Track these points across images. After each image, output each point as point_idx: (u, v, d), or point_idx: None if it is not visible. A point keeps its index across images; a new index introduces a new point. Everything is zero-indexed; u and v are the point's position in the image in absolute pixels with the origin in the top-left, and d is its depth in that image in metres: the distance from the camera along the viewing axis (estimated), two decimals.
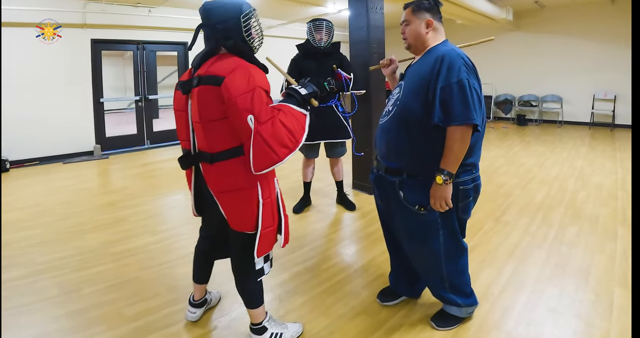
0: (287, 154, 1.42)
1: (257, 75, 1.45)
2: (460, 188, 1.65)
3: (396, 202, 1.75)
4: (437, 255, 1.75)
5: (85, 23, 5.97)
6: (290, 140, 1.41)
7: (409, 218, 1.73)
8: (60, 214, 3.55)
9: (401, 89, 1.74)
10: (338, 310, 2.03)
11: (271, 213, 1.58)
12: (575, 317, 1.93)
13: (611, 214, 3.29)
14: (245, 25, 1.54)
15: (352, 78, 3.20)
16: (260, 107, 1.38)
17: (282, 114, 1.44)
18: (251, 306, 1.71)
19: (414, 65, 1.78)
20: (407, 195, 1.70)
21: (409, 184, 1.69)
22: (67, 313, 2.04)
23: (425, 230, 1.72)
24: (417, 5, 1.74)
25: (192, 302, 1.97)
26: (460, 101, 1.50)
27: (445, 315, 1.91)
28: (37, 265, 2.58)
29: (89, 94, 6.24)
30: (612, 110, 7.92)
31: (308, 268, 2.48)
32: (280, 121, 1.41)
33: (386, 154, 1.76)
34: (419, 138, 1.63)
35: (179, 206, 3.87)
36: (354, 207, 3.56)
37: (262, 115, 1.37)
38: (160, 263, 2.58)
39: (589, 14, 7.96)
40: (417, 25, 1.74)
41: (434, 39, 1.74)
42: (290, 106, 1.50)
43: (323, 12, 7.27)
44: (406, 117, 1.65)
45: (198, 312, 1.97)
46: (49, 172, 5.28)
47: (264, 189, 1.55)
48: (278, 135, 1.38)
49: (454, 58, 1.55)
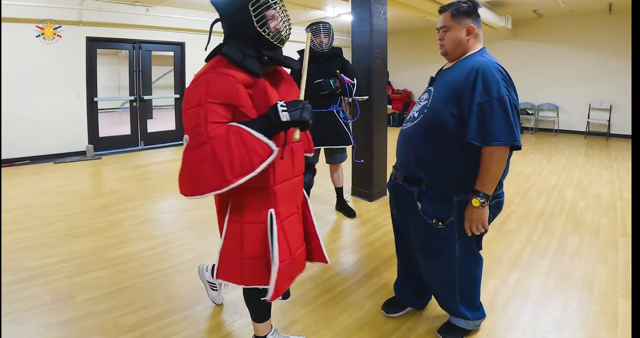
0: (207, 191, 1.18)
1: (215, 86, 1.22)
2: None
3: (412, 213, 1.68)
4: (452, 269, 1.69)
5: (81, 20, 5.87)
6: (214, 176, 1.16)
7: (425, 230, 1.66)
8: (51, 217, 3.45)
9: (430, 95, 1.63)
10: (342, 322, 1.97)
11: (239, 242, 1.36)
12: (581, 328, 1.91)
13: (611, 224, 3.29)
14: (256, 14, 1.28)
15: (355, 84, 3.16)
16: (196, 129, 1.18)
17: (220, 142, 1.16)
18: (254, 320, 1.65)
19: (446, 71, 1.67)
20: (425, 207, 1.63)
21: (428, 196, 1.62)
22: (60, 322, 1.95)
23: (441, 244, 1.66)
24: (457, 9, 1.59)
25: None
26: (503, 119, 1.40)
27: (452, 327, 1.86)
28: (27, 270, 2.48)
29: (83, 92, 6.13)
30: (608, 119, 7.98)
31: (309, 277, 2.42)
32: (212, 150, 1.15)
33: (407, 162, 1.68)
34: (445, 149, 1.54)
35: (173, 211, 3.79)
36: (354, 214, 3.51)
37: (193, 139, 1.18)
38: (156, 270, 2.50)
39: (587, 23, 8.04)
40: (457, 31, 1.60)
41: (474, 46, 1.63)
42: (249, 132, 1.20)
43: (322, 15, 7.26)
44: (434, 126, 1.55)
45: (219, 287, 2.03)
46: (40, 172, 5.16)
47: (233, 211, 1.37)
48: (200, 168, 1.16)
49: (493, 71, 1.45)
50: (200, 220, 3.39)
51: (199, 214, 3.53)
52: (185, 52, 7.27)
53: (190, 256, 2.70)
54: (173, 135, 7.40)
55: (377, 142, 3.92)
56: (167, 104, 8.32)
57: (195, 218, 3.44)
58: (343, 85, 3.11)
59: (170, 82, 7.57)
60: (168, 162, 6.05)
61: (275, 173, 1.35)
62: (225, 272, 1.40)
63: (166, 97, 7.84)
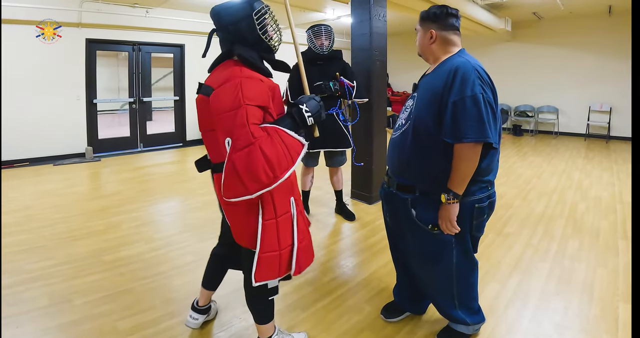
0: (259, 189, 1.24)
1: (249, 89, 1.30)
2: (475, 206, 1.59)
3: (407, 221, 1.68)
4: (449, 275, 1.69)
5: (81, 22, 5.87)
6: (266, 174, 1.22)
7: (421, 238, 1.66)
8: (49, 219, 3.44)
9: (414, 101, 1.65)
10: (341, 326, 1.96)
11: (276, 236, 1.43)
12: (582, 332, 1.90)
13: (611, 227, 3.28)
14: (259, 23, 1.42)
15: (354, 86, 3.15)
16: (240, 130, 1.23)
17: (266, 141, 1.25)
18: (259, 322, 1.65)
19: (428, 76, 1.68)
20: (419, 213, 1.62)
21: (422, 202, 1.62)
22: (59, 325, 1.94)
23: (438, 251, 1.65)
24: (423, 14, 1.67)
25: (196, 306, 1.89)
26: (474, 117, 1.41)
27: (451, 331, 1.86)
28: (25, 273, 2.47)
29: (82, 94, 6.13)
30: (608, 122, 7.98)
31: (308, 281, 2.41)
32: (261, 150, 1.22)
33: (398, 169, 1.68)
34: (433, 154, 1.55)
35: (173, 213, 3.78)
36: (354, 217, 3.50)
37: (240, 140, 1.22)
38: (155, 273, 2.49)
39: (586, 26, 8.05)
40: (421, 35, 1.68)
41: (442, 50, 1.64)
42: (284, 131, 1.31)
43: (322, 18, 7.27)
44: (419, 131, 1.56)
45: (200, 319, 1.90)
46: (39, 173, 5.15)
47: (266, 209, 1.41)
48: (252, 168, 1.21)
49: (468, 70, 1.46)
50: (200, 222, 3.38)
51: (199, 217, 3.52)
52: (185, 54, 7.26)
53: (190, 259, 2.69)
54: (172, 137, 7.39)
55: (376, 144, 3.91)
56: (166, 105, 8.30)
57: (195, 221, 3.43)
58: (343, 88, 3.11)
59: (170, 84, 7.57)
60: (167, 164, 6.05)
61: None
62: (264, 272, 1.43)
63: (166, 99, 7.82)
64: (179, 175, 5.20)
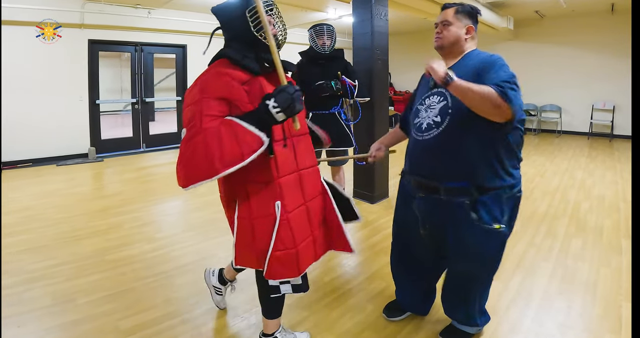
0: (198, 180, 1.23)
1: (210, 83, 1.30)
2: (517, 196, 1.60)
3: (466, 225, 1.54)
4: (493, 271, 1.71)
5: (83, 23, 5.90)
6: (207, 165, 1.21)
7: (484, 239, 1.55)
8: (52, 219, 3.45)
9: (445, 96, 1.55)
10: (343, 326, 1.96)
11: (251, 236, 1.41)
12: (585, 332, 1.89)
13: (615, 226, 3.26)
14: (253, 20, 1.35)
15: (356, 85, 3.15)
16: (190, 121, 1.26)
17: (212, 133, 1.22)
18: (266, 315, 1.68)
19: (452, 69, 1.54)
20: (482, 215, 1.52)
21: (482, 202, 1.52)
22: (61, 324, 1.95)
23: (497, 248, 1.61)
24: (462, 7, 1.64)
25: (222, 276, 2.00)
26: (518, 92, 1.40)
27: (455, 330, 1.85)
28: (28, 272, 2.48)
29: (85, 95, 6.15)
30: (611, 120, 7.95)
31: (310, 280, 2.36)
32: (204, 141, 1.21)
33: (445, 172, 1.55)
34: (484, 146, 1.49)
35: (175, 213, 3.79)
36: None
37: (189, 131, 1.26)
38: (157, 273, 2.49)
39: (589, 24, 8.02)
40: (458, 28, 1.62)
41: (470, 46, 1.65)
42: (242, 125, 1.25)
43: (324, 17, 7.26)
44: (467, 123, 1.48)
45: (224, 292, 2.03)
46: (42, 174, 5.17)
47: (242, 207, 1.42)
48: (192, 158, 1.22)
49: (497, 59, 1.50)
50: (202, 222, 3.38)
51: (201, 216, 3.52)
52: (187, 55, 7.28)
53: (192, 259, 2.69)
54: (175, 137, 7.40)
55: None
56: (169, 106, 8.33)
57: (197, 221, 3.43)
58: (344, 87, 3.10)
59: (172, 85, 7.59)
60: (170, 164, 6.05)
61: (278, 167, 1.40)
62: (242, 259, 1.48)
63: (168, 100, 7.85)
64: None
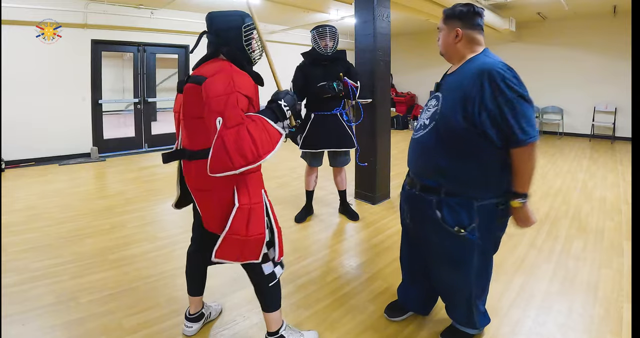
0: (244, 165, 1.35)
1: (239, 80, 1.44)
2: (498, 208, 1.56)
3: (431, 223, 1.61)
4: (469, 278, 1.66)
5: (86, 23, 5.92)
6: (251, 152, 1.35)
7: (447, 240, 1.60)
8: (55, 218, 3.47)
9: (439, 101, 1.59)
10: (345, 325, 1.97)
11: (246, 222, 1.47)
12: (586, 333, 1.90)
13: (616, 228, 3.27)
14: (246, 35, 1.58)
15: (358, 86, 3.15)
16: (231, 111, 1.35)
17: (252, 124, 1.38)
18: (266, 309, 1.68)
19: (452, 75, 1.62)
20: (446, 215, 1.57)
21: (448, 204, 1.56)
22: (64, 323, 1.96)
23: (463, 253, 1.61)
24: (449, 12, 1.62)
25: (188, 316, 1.90)
26: (525, 118, 1.41)
27: (456, 331, 1.85)
28: (31, 271, 2.49)
29: (88, 95, 6.17)
30: (613, 122, 7.94)
31: (312, 280, 2.42)
32: (248, 130, 1.35)
33: (423, 170, 1.64)
34: (460, 154, 1.51)
35: (177, 212, 3.72)
36: (357, 217, 3.50)
37: (230, 119, 1.34)
38: (159, 272, 2.51)
39: (591, 26, 8.01)
40: (445, 34, 1.63)
41: (468, 49, 1.59)
42: (266, 120, 1.44)
43: (326, 18, 7.28)
44: (447, 131, 1.52)
45: (195, 326, 1.90)
46: (45, 173, 5.19)
47: (242, 195, 1.48)
48: (239, 144, 1.33)
49: (504, 71, 1.41)
50: None
51: None
52: (189, 55, 7.29)
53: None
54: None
55: (380, 145, 3.92)
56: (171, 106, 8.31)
57: None
58: (346, 88, 3.11)
59: (174, 85, 7.55)
60: (172, 164, 6.03)
61: None
62: (224, 252, 1.49)
63: (170, 100, 7.86)
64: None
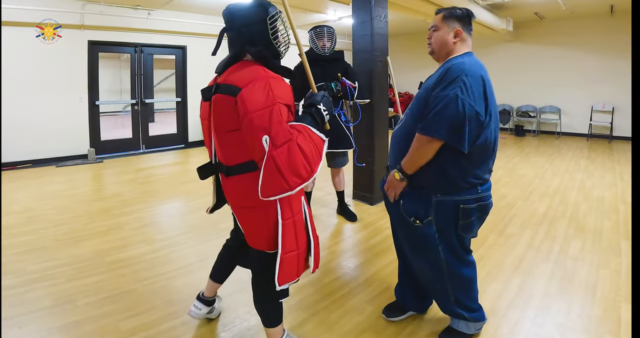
0: (299, 184, 1.27)
1: (277, 88, 1.32)
2: (460, 207, 1.60)
3: (398, 212, 1.75)
4: (439, 269, 1.73)
5: (83, 24, 5.91)
6: (305, 169, 1.26)
7: (408, 229, 1.73)
8: (52, 220, 3.45)
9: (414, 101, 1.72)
10: (343, 327, 1.96)
11: (294, 235, 1.42)
12: (584, 333, 1.90)
13: (614, 228, 3.27)
14: (272, 28, 1.43)
15: (356, 87, 3.15)
16: (278, 127, 1.24)
17: (300, 137, 1.29)
18: (267, 325, 1.62)
19: (432, 75, 1.72)
20: (405, 205, 1.70)
21: (409, 195, 1.68)
22: (61, 326, 1.95)
23: (423, 243, 1.71)
24: (449, 12, 1.70)
25: (202, 296, 1.90)
26: (439, 114, 1.47)
27: (453, 331, 1.86)
28: (28, 274, 2.48)
29: (85, 96, 6.15)
30: (610, 122, 7.96)
31: (310, 282, 2.41)
32: (298, 146, 1.26)
33: (394, 162, 1.74)
34: None
35: (175, 214, 3.79)
36: (355, 218, 3.50)
37: (279, 137, 1.24)
38: (157, 274, 2.49)
39: (588, 26, 8.03)
40: (445, 32, 1.70)
41: (459, 49, 1.70)
42: (310, 129, 1.35)
43: (324, 19, 7.28)
44: (412, 126, 1.62)
45: (204, 310, 1.91)
46: (42, 175, 5.17)
47: (284, 209, 1.40)
48: (293, 163, 1.24)
49: (458, 72, 1.50)
50: (202, 224, 3.39)
51: (201, 218, 3.52)
52: (187, 56, 7.28)
53: (192, 260, 2.69)
54: (174, 138, 7.41)
55: (378, 145, 3.91)
56: (168, 107, 8.35)
57: (196, 222, 3.44)
58: (344, 89, 3.11)
59: (172, 86, 7.59)
60: (169, 165, 6.06)
61: None
62: (287, 274, 1.41)
63: (168, 101, 7.86)
64: (181, 177, 5.21)
